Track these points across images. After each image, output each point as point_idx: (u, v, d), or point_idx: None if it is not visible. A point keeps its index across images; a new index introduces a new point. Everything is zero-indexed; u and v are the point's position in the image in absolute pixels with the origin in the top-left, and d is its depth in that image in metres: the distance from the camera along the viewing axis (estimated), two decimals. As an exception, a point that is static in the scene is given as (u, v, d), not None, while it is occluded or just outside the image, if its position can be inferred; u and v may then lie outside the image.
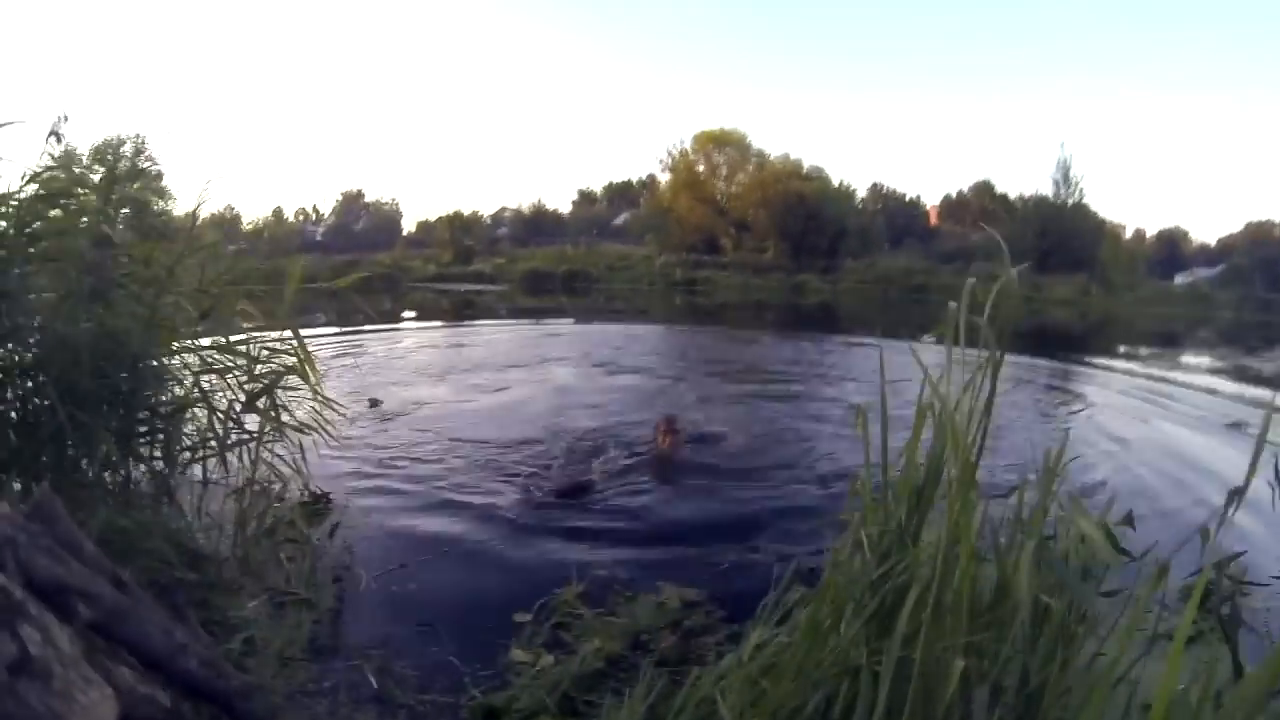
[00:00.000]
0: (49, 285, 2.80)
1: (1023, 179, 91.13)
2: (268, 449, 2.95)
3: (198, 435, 2.82)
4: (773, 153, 34.92)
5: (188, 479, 2.85)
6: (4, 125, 2.74)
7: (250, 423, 2.95)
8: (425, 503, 3.55)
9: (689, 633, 2.32)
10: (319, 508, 3.25)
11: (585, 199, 51.76)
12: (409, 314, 17.30)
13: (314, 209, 47.21)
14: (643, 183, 46.54)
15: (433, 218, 39.34)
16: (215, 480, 2.80)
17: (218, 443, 2.73)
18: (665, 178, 36.24)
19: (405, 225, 45.94)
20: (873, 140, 72.84)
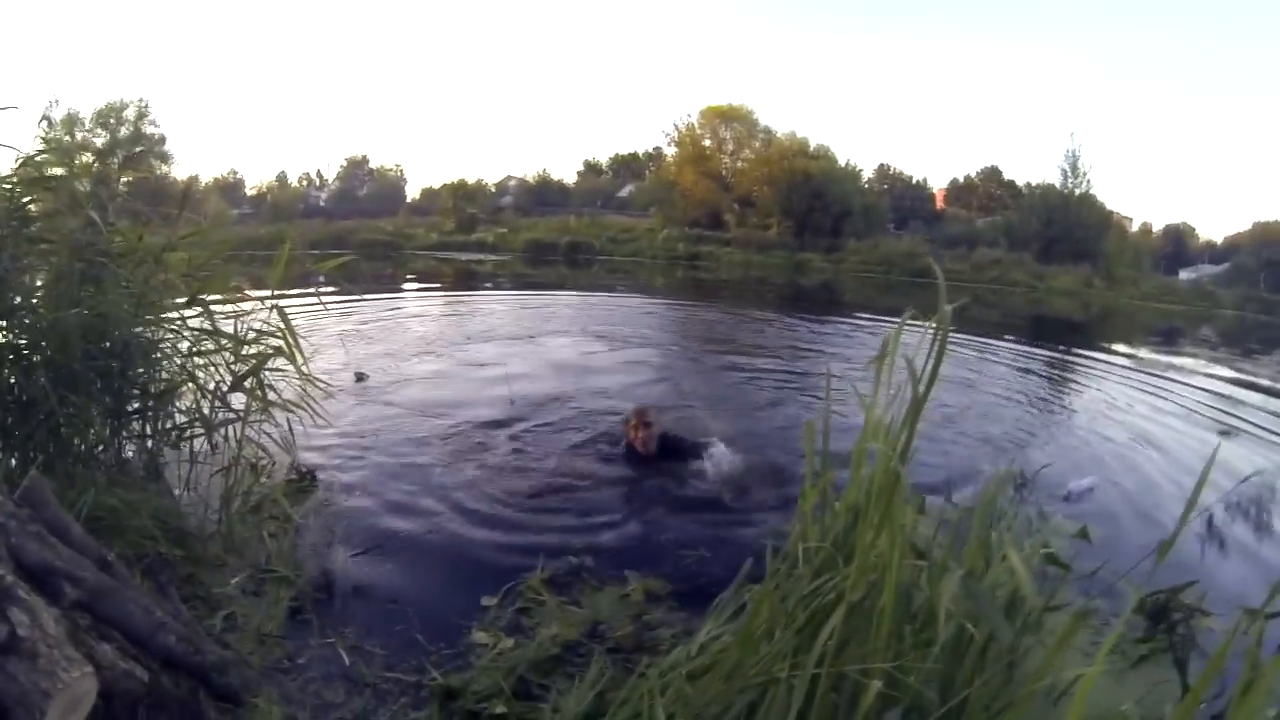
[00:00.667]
0: (39, 265, 2.88)
1: (1031, 167, 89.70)
2: (254, 428, 3.05)
3: (186, 414, 2.92)
4: (780, 130, 34.47)
5: (176, 457, 2.96)
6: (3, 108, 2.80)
7: (237, 402, 3.05)
8: (407, 482, 3.67)
9: (646, 624, 2.45)
10: (304, 485, 3.37)
11: (591, 170, 51.16)
12: (409, 281, 17.35)
13: (318, 174, 46.73)
14: (649, 155, 46.01)
15: (437, 185, 38.96)
16: (202, 460, 2.90)
17: (204, 423, 2.83)
18: (671, 151, 35.83)
19: (409, 192, 45.53)
20: (881, 120, 71.51)
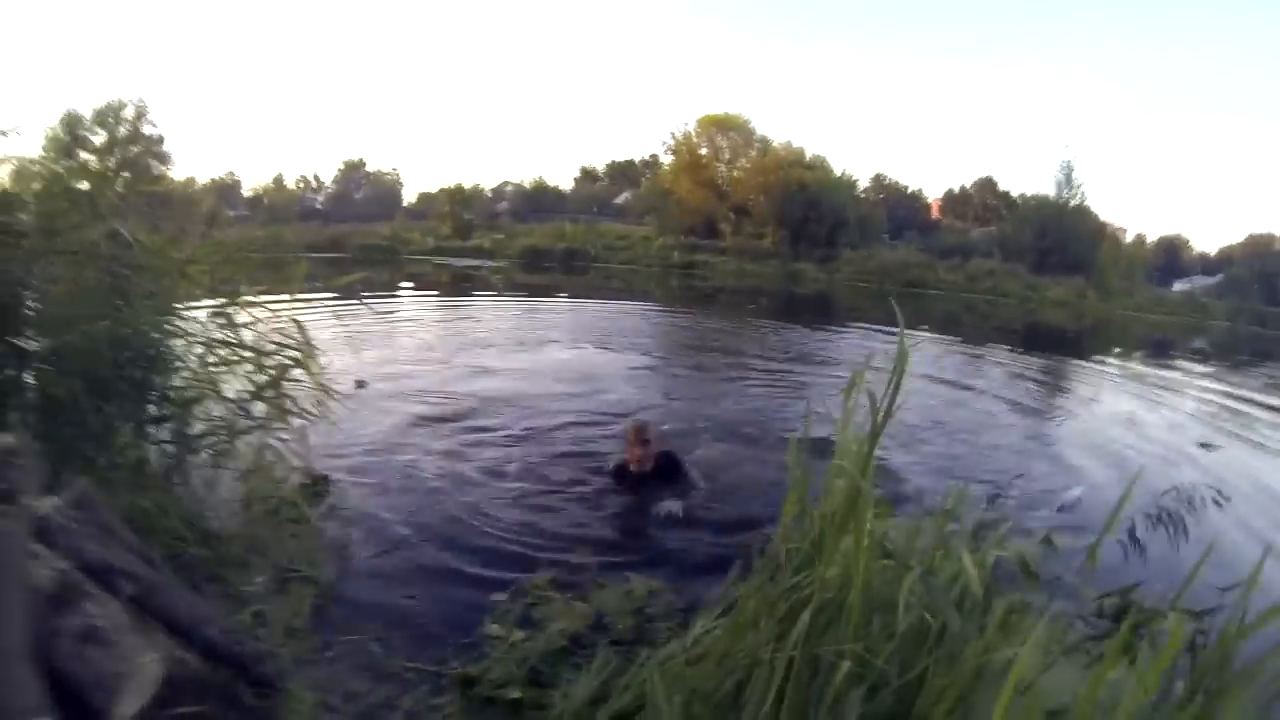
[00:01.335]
0: (63, 274, 3.01)
1: (1026, 178, 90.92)
2: (272, 435, 3.20)
3: (209, 421, 3.06)
4: (776, 139, 34.88)
5: (198, 461, 3.09)
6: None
7: (257, 409, 3.19)
8: (414, 485, 3.83)
9: (647, 618, 2.61)
10: (318, 488, 3.51)
11: (587, 176, 51.45)
12: (406, 286, 17.46)
13: (315, 177, 46.89)
14: (645, 163, 46.37)
15: (433, 189, 39.15)
16: (223, 466, 3.04)
17: (229, 430, 2.97)
18: (668, 159, 36.16)
19: (405, 196, 45.76)
20: (878, 131, 72.53)
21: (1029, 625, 1.73)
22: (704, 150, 34.89)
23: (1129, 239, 39.21)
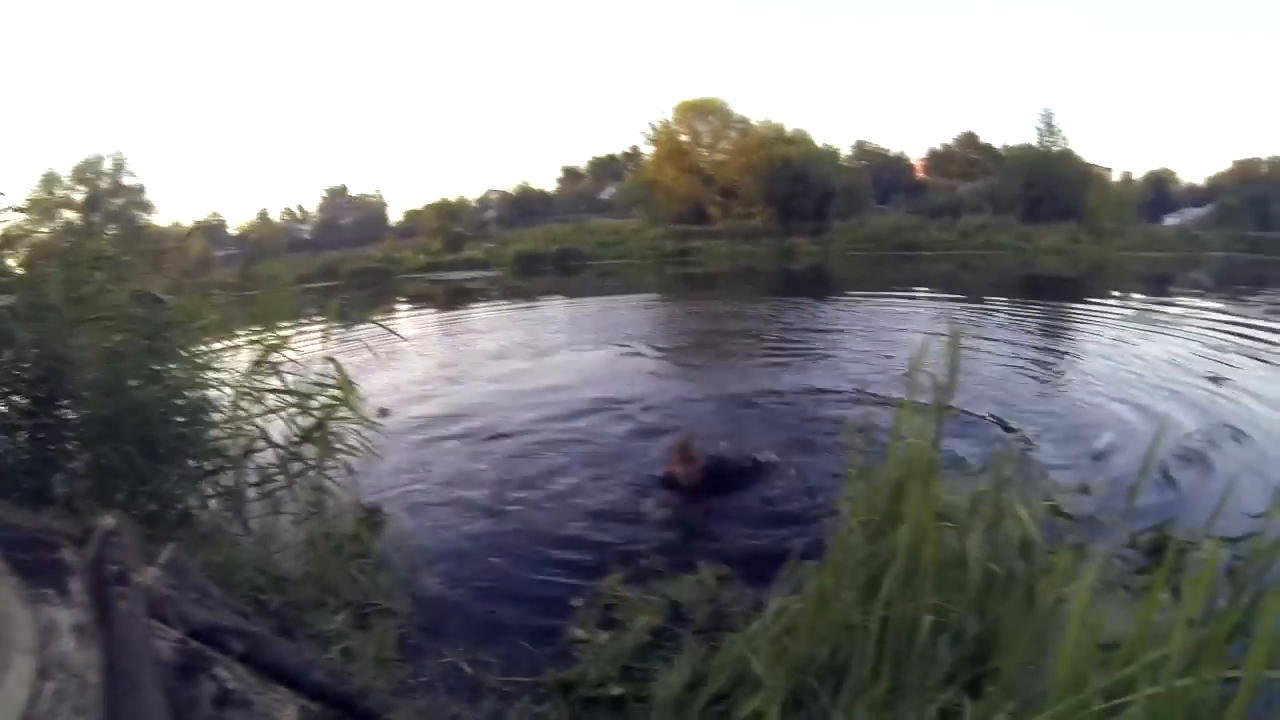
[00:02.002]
0: (94, 340, 3.02)
1: (1007, 128, 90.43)
2: (323, 475, 3.24)
3: (262, 469, 3.09)
4: (755, 118, 34.70)
5: (255, 509, 3.14)
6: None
7: (306, 451, 3.23)
8: (463, 507, 3.87)
9: (721, 604, 2.69)
10: (375, 520, 3.55)
11: (570, 175, 51.28)
12: (403, 306, 17.46)
13: (299, 208, 46.81)
14: (627, 155, 46.16)
15: (419, 206, 39.04)
16: (281, 511, 3.08)
17: (284, 474, 3.01)
18: (649, 150, 35.99)
19: (392, 216, 45.64)
20: (854, 97, 71.87)
21: (1083, 567, 1.80)
22: (684, 137, 34.70)
23: (1116, 179, 38.93)
